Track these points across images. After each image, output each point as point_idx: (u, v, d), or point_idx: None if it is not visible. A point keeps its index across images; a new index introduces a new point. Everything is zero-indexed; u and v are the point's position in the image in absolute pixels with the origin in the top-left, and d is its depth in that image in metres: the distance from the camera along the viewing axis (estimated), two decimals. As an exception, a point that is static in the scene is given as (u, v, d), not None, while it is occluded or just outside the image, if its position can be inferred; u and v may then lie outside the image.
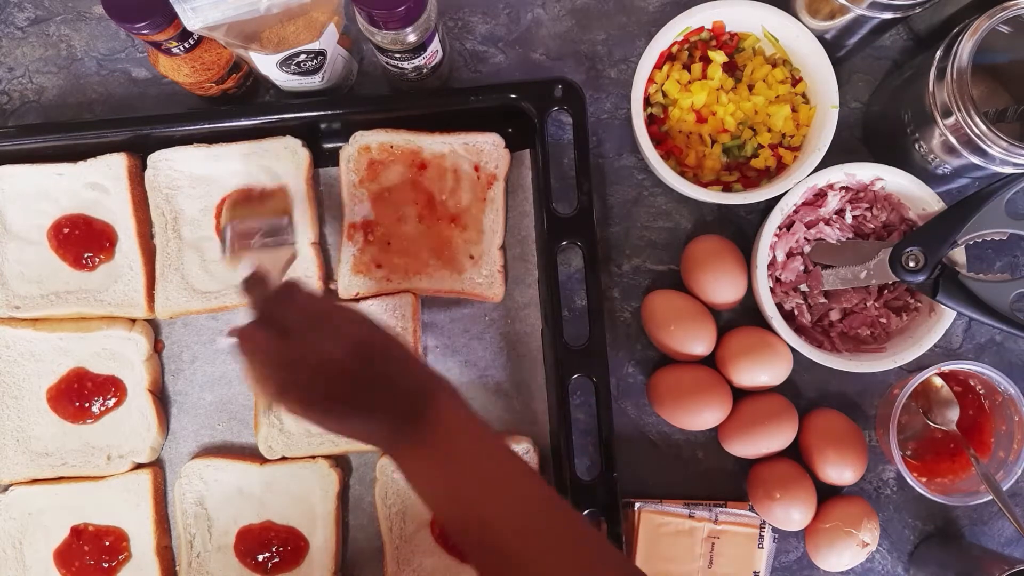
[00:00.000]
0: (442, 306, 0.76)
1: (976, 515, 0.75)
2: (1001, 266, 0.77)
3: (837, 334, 0.73)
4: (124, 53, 0.81)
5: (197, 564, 0.73)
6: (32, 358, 0.74)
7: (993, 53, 0.68)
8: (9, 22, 0.81)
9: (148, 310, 0.74)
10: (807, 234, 0.72)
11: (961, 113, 0.60)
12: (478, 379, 0.75)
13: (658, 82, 0.74)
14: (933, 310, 0.70)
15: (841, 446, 0.71)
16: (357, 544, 0.74)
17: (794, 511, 0.70)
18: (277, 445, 0.73)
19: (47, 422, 0.74)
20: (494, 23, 0.80)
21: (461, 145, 0.74)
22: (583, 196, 0.70)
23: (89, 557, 0.72)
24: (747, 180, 0.75)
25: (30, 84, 0.81)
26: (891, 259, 0.68)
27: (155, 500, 0.73)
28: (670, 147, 0.74)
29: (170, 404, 0.76)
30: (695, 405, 0.71)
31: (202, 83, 0.72)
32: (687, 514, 0.72)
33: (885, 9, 0.64)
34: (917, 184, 0.69)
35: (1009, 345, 0.76)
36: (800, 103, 0.74)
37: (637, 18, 0.79)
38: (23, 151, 0.74)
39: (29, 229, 0.75)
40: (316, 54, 0.68)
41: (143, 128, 0.73)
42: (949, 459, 0.72)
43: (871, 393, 0.76)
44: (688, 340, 0.72)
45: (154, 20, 0.63)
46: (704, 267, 0.73)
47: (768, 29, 0.73)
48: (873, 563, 0.75)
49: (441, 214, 0.74)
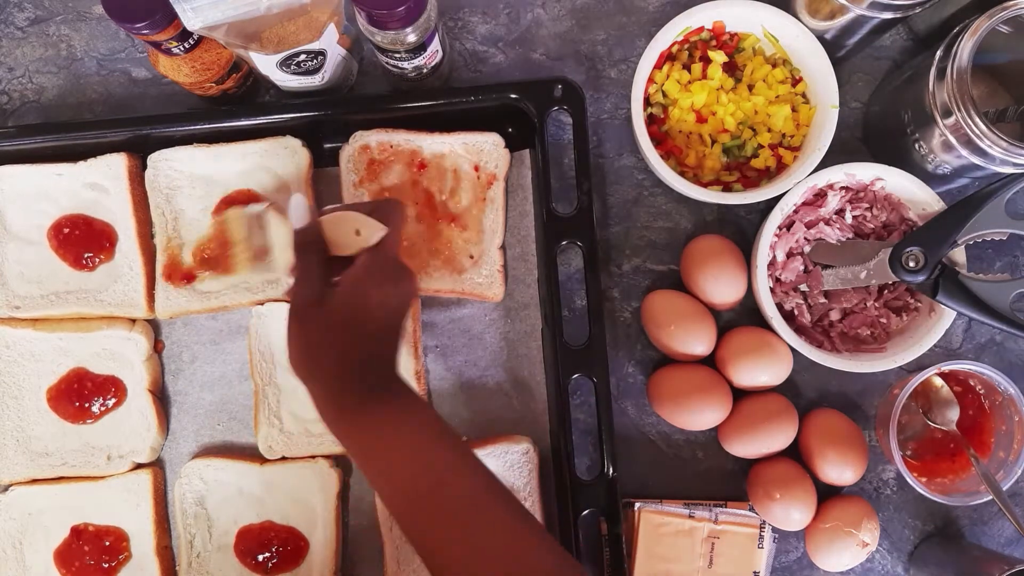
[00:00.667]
0: (442, 306, 0.76)
1: (976, 515, 0.75)
2: (1001, 266, 0.77)
3: (837, 334, 0.73)
4: (124, 53, 0.81)
5: (197, 564, 0.73)
6: (32, 358, 0.74)
7: (993, 53, 0.68)
8: (9, 22, 0.81)
9: (148, 310, 0.74)
10: (807, 234, 0.72)
11: (961, 113, 0.60)
12: (478, 379, 0.75)
13: (658, 82, 0.74)
14: (933, 310, 0.70)
15: (841, 446, 0.71)
16: (357, 544, 0.74)
17: (794, 511, 0.70)
18: (277, 445, 0.73)
19: (47, 422, 0.74)
20: (494, 23, 0.80)
21: (461, 145, 0.74)
22: (583, 196, 0.70)
23: (89, 557, 0.72)
24: (747, 180, 0.75)
25: (30, 84, 0.81)
26: (891, 259, 0.68)
27: (155, 500, 0.73)
28: (670, 147, 0.74)
29: (170, 404, 0.76)
30: (695, 405, 0.71)
31: (202, 83, 0.72)
32: (687, 514, 0.72)
33: (885, 9, 0.64)
34: (917, 184, 0.69)
35: (1009, 345, 0.76)
36: (800, 103, 0.74)
37: (637, 18, 0.79)
38: (23, 151, 0.74)
39: (29, 229, 0.75)
40: (316, 54, 0.68)
41: (143, 128, 0.73)
42: (949, 459, 0.72)
43: (871, 393, 0.76)
44: (688, 340, 0.72)
45: (154, 20, 0.63)
46: (704, 267, 0.73)
47: (768, 29, 0.73)
48: (873, 563, 0.75)
49: (441, 214, 0.74)
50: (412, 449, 0.53)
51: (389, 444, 0.53)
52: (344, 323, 0.54)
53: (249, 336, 0.74)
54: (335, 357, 0.54)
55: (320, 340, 0.54)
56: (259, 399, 0.73)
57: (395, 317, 0.57)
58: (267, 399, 0.73)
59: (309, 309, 0.55)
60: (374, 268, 0.56)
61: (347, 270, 0.56)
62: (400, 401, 0.54)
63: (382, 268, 0.56)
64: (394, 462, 0.53)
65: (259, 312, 0.74)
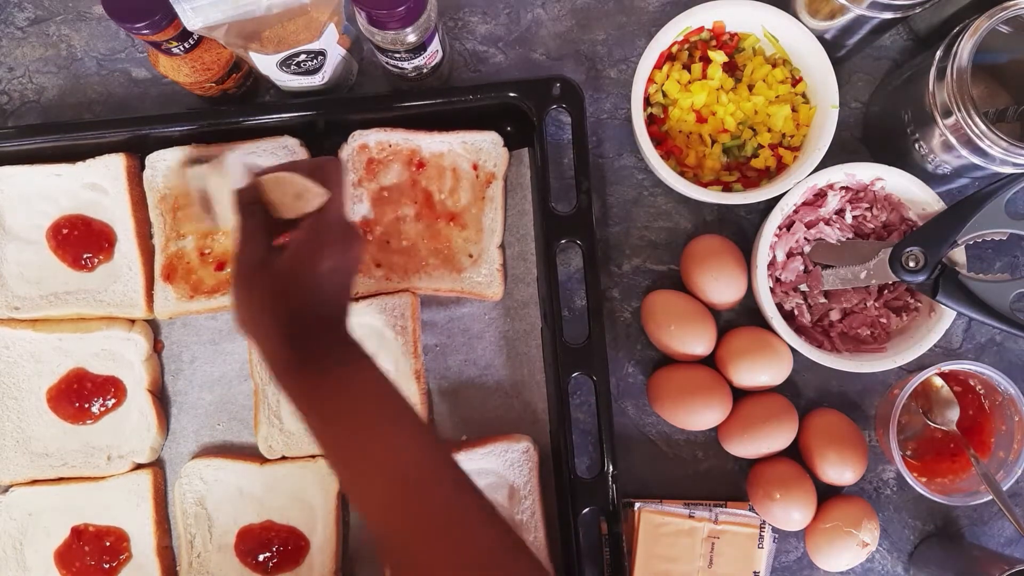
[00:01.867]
0: (441, 305, 0.76)
1: (976, 515, 0.75)
2: (1001, 266, 0.77)
3: (837, 334, 0.73)
4: (124, 53, 0.81)
5: (198, 564, 0.73)
6: (32, 359, 0.74)
7: (993, 53, 0.68)
8: (9, 22, 0.81)
9: (147, 310, 0.74)
10: (807, 234, 0.72)
11: (961, 113, 0.60)
12: (478, 378, 0.75)
13: (658, 82, 0.74)
14: (933, 310, 0.70)
15: (841, 446, 0.71)
16: (357, 544, 0.74)
17: (794, 511, 0.70)
18: (277, 445, 0.73)
19: (47, 422, 0.74)
20: (494, 23, 0.80)
21: (460, 144, 0.74)
22: (582, 195, 0.70)
23: (89, 557, 0.72)
24: (747, 180, 0.75)
25: (30, 84, 0.81)
26: (891, 259, 0.68)
27: (155, 500, 0.73)
28: (670, 147, 0.74)
29: (170, 404, 0.76)
30: (695, 405, 0.71)
31: (202, 83, 0.72)
32: (687, 514, 0.72)
33: (885, 9, 0.64)
34: (917, 184, 0.69)
35: (1009, 345, 0.76)
36: (800, 103, 0.74)
37: (637, 18, 0.79)
38: (23, 151, 0.74)
39: (28, 230, 0.75)
40: (316, 54, 0.68)
41: (142, 128, 0.73)
42: (949, 459, 0.72)
43: (871, 393, 0.76)
44: (688, 340, 0.72)
45: (154, 20, 0.63)
46: (704, 267, 0.73)
47: (768, 29, 0.73)
48: (873, 563, 0.75)
49: (440, 213, 0.74)
50: (363, 415, 0.53)
51: (339, 409, 0.53)
52: (288, 288, 0.54)
53: (249, 336, 0.74)
54: (281, 320, 0.54)
55: (264, 303, 0.55)
56: (259, 399, 0.73)
57: (342, 281, 0.57)
58: (267, 399, 0.73)
59: (253, 272, 0.55)
60: (317, 234, 0.56)
61: (292, 235, 0.56)
62: (351, 367, 0.54)
63: (326, 233, 0.56)
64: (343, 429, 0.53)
65: (259, 312, 0.74)
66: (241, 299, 0.56)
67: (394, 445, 0.52)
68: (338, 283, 0.57)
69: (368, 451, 0.52)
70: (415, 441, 0.53)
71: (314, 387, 0.53)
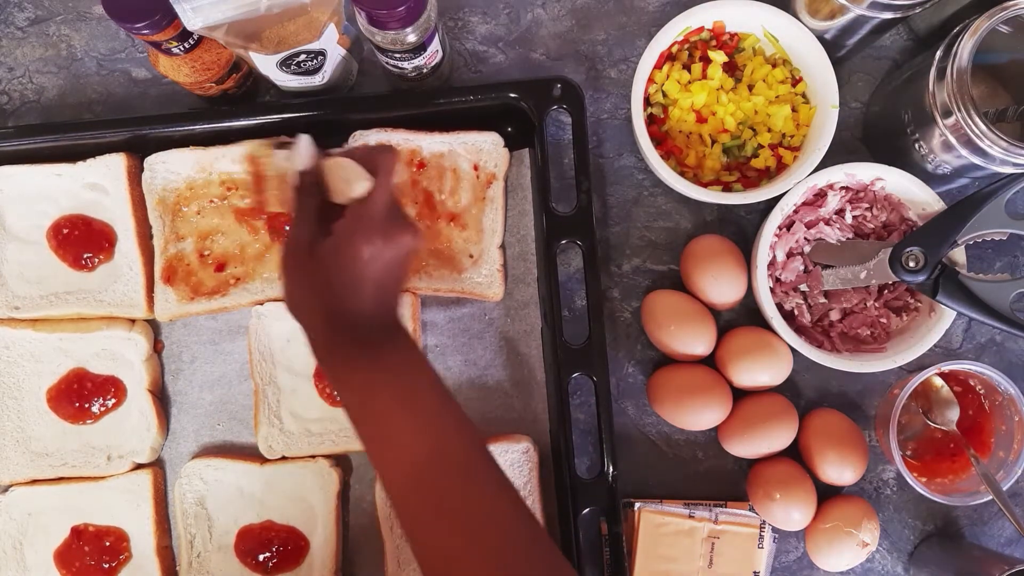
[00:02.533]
0: (442, 305, 0.76)
1: (976, 515, 0.75)
2: (1001, 266, 0.77)
3: (837, 334, 0.73)
4: (124, 53, 0.81)
5: (198, 564, 0.73)
6: (32, 358, 0.74)
7: (993, 53, 0.68)
8: (9, 22, 0.81)
9: (148, 310, 0.74)
10: (807, 234, 0.72)
11: (961, 113, 0.60)
12: (478, 378, 0.75)
13: (658, 82, 0.74)
14: (933, 310, 0.70)
15: (841, 446, 0.71)
16: (357, 544, 0.74)
17: (794, 511, 0.70)
18: (277, 445, 0.73)
19: (47, 422, 0.74)
20: (494, 23, 0.80)
21: (460, 144, 0.74)
22: (582, 195, 0.70)
23: (89, 557, 0.72)
24: (747, 180, 0.75)
25: (30, 84, 0.81)
26: (891, 259, 0.68)
27: (155, 500, 0.73)
28: (670, 147, 0.74)
29: (170, 404, 0.76)
30: (695, 405, 0.71)
31: (202, 83, 0.72)
32: (687, 514, 0.72)
33: (885, 9, 0.64)
34: (917, 184, 0.69)
35: (1009, 345, 0.76)
36: (800, 103, 0.74)
37: (637, 18, 0.79)
38: (23, 151, 0.74)
39: (29, 229, 0.75)
40: (316, 54, 0.68)
41: (142, 128, 0.73)
42: (949, 459, 0.72)
43: (871, 393, 0.76)
44: (688, 340, 0.72)
45: (154, 20, 0.63)
46: (704, 267, 0.73)
47: (768, 29, 0.73)
48: (873, 563, 0.75)
49: (440, 213, 0.74)
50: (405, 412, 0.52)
51: (381, 399, 0.52)
52: (331, 275, 0.54)
53: (249, 336, 0.74)
54: (324, 305, 0.54)
55: (309, 286, 0.55)
56: (259, 399, 0.73)
57: (389, 268, 0.55)
58: (267, 399, 0.73)
59: (299, 253, 0.56)
60: (358, 220, 0.55)
61: (337, 221, 0.56)
62: (396, 358, 0.54)
63: (366, 220, 0.55)
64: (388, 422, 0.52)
65: (259, 312, 0.74)
66: (287, 278, 0.57)
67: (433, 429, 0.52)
68: (383, 270, 0.55)
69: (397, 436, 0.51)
70: (454, 427, 0.53)
71: (352, 370, 0.53)
